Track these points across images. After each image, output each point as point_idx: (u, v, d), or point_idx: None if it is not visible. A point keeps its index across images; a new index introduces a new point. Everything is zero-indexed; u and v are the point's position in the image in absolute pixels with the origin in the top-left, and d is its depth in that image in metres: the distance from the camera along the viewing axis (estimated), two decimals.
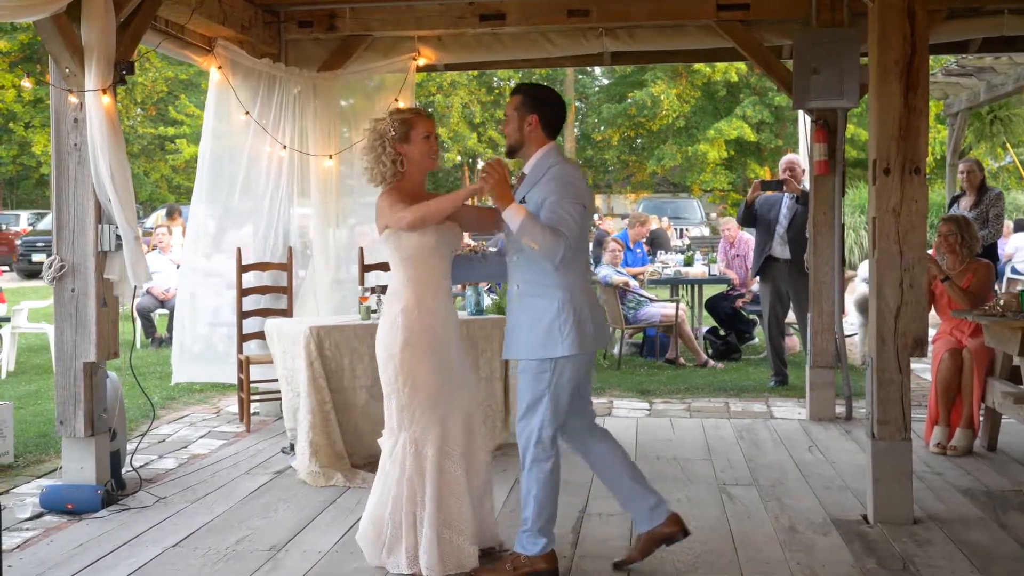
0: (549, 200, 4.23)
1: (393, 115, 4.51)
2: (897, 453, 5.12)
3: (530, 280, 4.35)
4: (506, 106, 4.48)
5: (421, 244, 4.42)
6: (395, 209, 4.39)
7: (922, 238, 5.07)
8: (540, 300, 4.31)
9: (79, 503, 5.53)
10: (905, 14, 4.99)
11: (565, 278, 4.30)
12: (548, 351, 4.30)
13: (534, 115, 4.36)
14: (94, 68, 5.43)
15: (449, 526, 4.47)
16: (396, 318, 4.47)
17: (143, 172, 37.48)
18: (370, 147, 4.48)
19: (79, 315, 5.67)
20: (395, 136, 4.43)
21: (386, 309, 4.56)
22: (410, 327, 4.45)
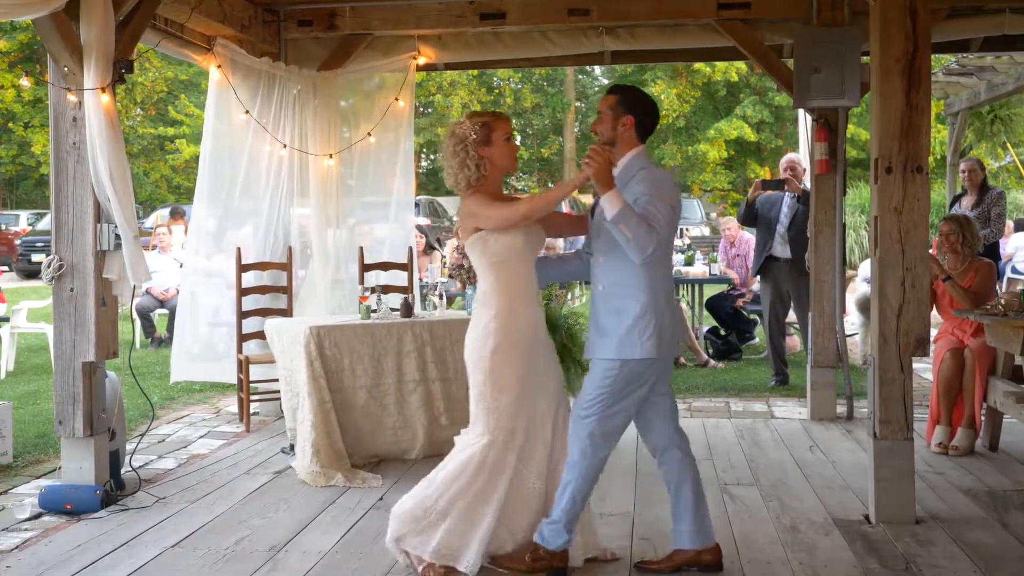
0: (641, 199, 4.17)
1: (472, 118, 4.46)
2: (899, 453, 5.10)
3: (616, 281, 4.31)
4: (599, 103, 4.44)
5: (509, 247, 4.38)
6: (494, 207, 4.36)
7: (924, 237, 5.05)
8: (624, 302, 4.28)
9: (78, 503, 5.51)
10: (907, 12, 4.97)
11: (650, 280, 4.28)
12: (623, 352, 4.27)
13: (629, 116, 4.33)
14: (93, 67, 5.42)
15: (512, 533, 4.49)
16: (488, 324, 4.40)
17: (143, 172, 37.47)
18: (452, 152, 4.41)
19: (78, 314, 5.65)
20: (476, 139, 4.38)
21: (477, 314, 4.47)
22: (503, 332, 4.38)
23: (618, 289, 4.30)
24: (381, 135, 8.36)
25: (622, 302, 4.28)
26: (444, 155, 4.45)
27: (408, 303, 6.86)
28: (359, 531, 5.16)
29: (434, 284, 10.56)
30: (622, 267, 4.27)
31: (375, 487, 6.01)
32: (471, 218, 4.41)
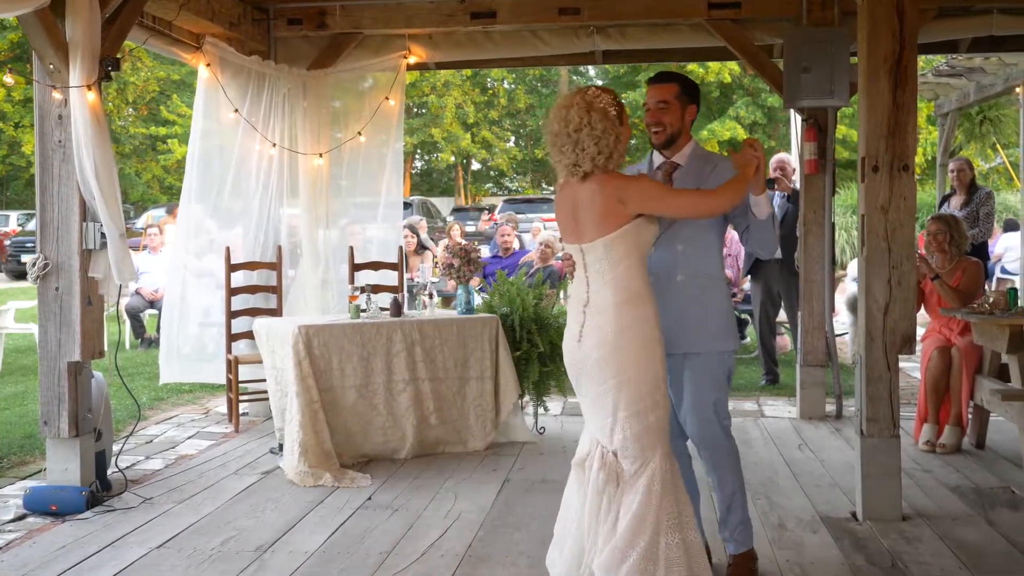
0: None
1: (603, 94, 3.88)
2: (886, 450, 5.11)
3: (697, 272, 4.17)
4: (657, 92, 4.20)
5: (655, 235, 3.99)
6: (664, 191, 4.00)
7: (911, 235, 5.06)
8: (708, 293, 4.19)
9: (63, 504, 5.48)
10: (894, 12, 4.98)
11: (723, 273, 4.32)
12: (727, 344, 4.25)
13: (693, 106, 4.25)
14: (79, 64, 5.39)
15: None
16: (647, 324, 3.87)
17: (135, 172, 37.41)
18: (604, 128, 3.79)
19: (63, 314, 5.62)
20: (617, 115, 3.87)
21: (622, 317, 3.84)
22: (656, 334, 3.91)
23: (699, 280, 4.17)
24: (371, 134, 8.36)
25: (704, 293, 4.18)
26: (592, 125, 3.78)
27: (398, 302, 6.85)
28: (346, 531, 5.15)
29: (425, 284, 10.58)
30: (704, 257, 4.19)
31: (364, 487, 5.99)
32: (640, 203, 3.85)
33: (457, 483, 6.05)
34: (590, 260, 3.90)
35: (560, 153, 3.87)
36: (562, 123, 3.84)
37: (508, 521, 5.28)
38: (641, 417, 3.81)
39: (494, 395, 6.92)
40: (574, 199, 3.92)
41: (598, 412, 3.89)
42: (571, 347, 3.97)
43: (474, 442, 6.84)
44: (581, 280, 3.96)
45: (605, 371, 3.84)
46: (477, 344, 6.86)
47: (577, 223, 3.92)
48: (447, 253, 7.10)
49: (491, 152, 39.80)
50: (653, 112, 4.20)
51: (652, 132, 4.23)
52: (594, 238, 3.87)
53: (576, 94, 3.88)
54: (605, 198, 3.83)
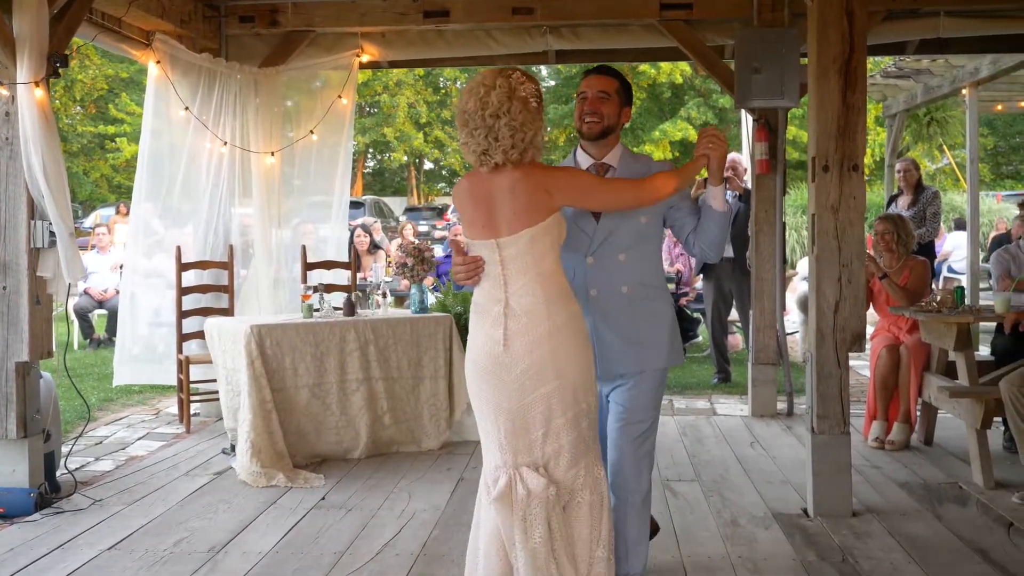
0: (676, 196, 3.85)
1: (527, 81, 3.54)
2: (836, 447, 5.17)
3: (644, 283, 3.87)
4: (599, 82, 3.88)
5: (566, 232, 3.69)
6: (597, 181, 3.70)
7: (860, 234, 5.13)
8: (655, 304, 3.89)
9: (11, 507, 5.39)
10: (844, 13, 5.05)
11: (665, 282, 4.08)
12: (672, 359, 3.93)
13: (628, 108, 3.98)
14: (26, 60, 5.32)
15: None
16: (579, 320, 3.59)
17: (83, 171, 36.89)
18: (533, 114, 3.50)
19: (11, 314, 5.53)
20: (537, 107, 3.54)
21: (558, 313, 3.52)
22: (587, 333, 3.65)
23: (648, 291, 3.88)
24: (324, 133, 8.31)
25: (653, 304, 3.89)
26: (512, 115, 3.46)
27: (351, 301, 6.82)
28: (300, 531, 5.12)
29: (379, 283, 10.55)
30: (646, 266, 3.90)
31: (317, 487, 5.96)
32: (569, 193, 3.59)
33: (411, 482, 6.04)
34: (509, 255, 3.52)
35: (470, 136, 3.51)
36: (478, 104, 3.48)
37: (462, 520, 5.26)
38: (576, 423, 3.51)
39: (448, 394, 6.91)
40: (486, 190, 3.55)
41: (524, 425, 3.49)
42: (491, 356, 3.52)
43: (428, 441, 6.83)
44: (495, 280, 3.55)
45: (539, 377, 3.47)
46: (431, 343, 6.85)
47: (491, 216, 3.54)
48: (401, 252, 7.08)
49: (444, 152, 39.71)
50: (592, 101, 3.86)
51: (586, 122, 3.86)
52: (516, 230, 3.50)
53: (498, 75, 3.51)
54: (530, 187, 3.51)
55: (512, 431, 3.51)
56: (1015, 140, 34.74)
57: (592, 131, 3.88)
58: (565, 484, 3.51)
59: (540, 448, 3.50)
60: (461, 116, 3.54)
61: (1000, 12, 7.83)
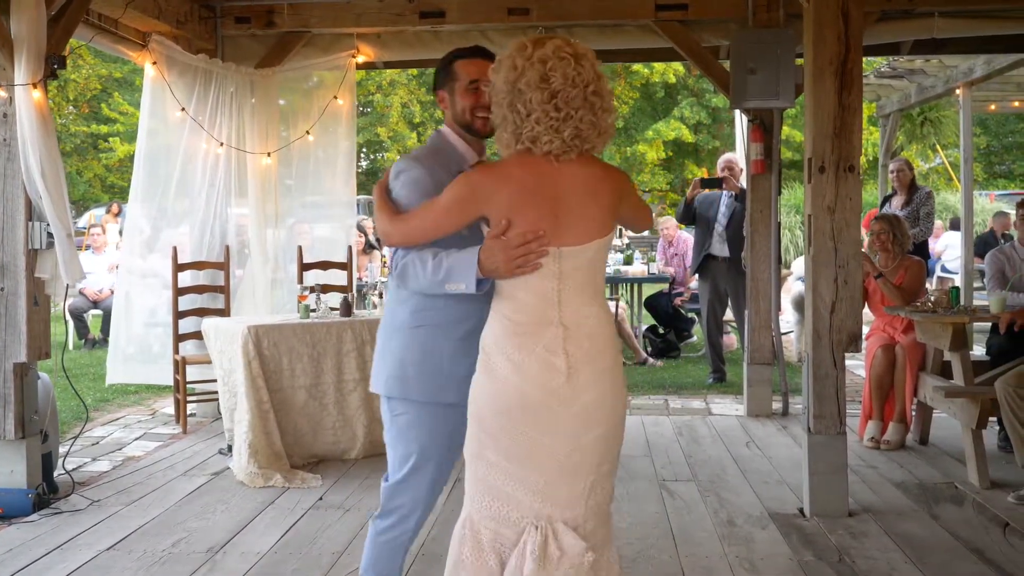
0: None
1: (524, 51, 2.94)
2: (832, 447, 5.19)
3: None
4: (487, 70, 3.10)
5: None
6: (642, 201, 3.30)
7: (857, 235, 5.15)
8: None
9: (9, 507, 5.40)
10: (840, 14, 5.06)
11: None
12: None
13: None
14: (24, 62, 5.31)
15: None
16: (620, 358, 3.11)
17: (76, 171, 36.79)
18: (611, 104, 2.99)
19: (9, 315, 5.54)
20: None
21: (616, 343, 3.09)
22: None
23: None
24: (321, 134, 8.32)
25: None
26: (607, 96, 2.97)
27: (348, 302, 6.83)
28: (298, 531, 5.13)
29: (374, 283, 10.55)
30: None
31: (315, 487, 5.97)
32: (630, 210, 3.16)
33: None
34: (570, 268, 2.96)
35: (564, 120, 2.88)
36: (574, 77, 2.88)
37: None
38: (612, 476, 3.08)
39: None
40: (555, 184, 2.93)
41: (572, 472, 2.96)
42: (548, 388, 2.93)
43: None
44: (547, 296, 2.95)
45: (599, 415, 2.96)
46: None
47: (557, 217, 2.93)
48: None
49: None
50: (484, 93, 3.18)
51: (481, 117, 3.25)
52: (585, 240, 2.96)
53: (575, 44, 2.95)
54: (612, 189, 3.01)
55: (558, 479, 2.95)
56: (1008, 139, 34.80)
57: (488, 128, 3.26)
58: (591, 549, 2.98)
59: (583, 502, 2.97)
60: (542, 93, 2.87)
61: (995, 12, 7.86)
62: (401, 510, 3.51)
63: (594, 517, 3.00)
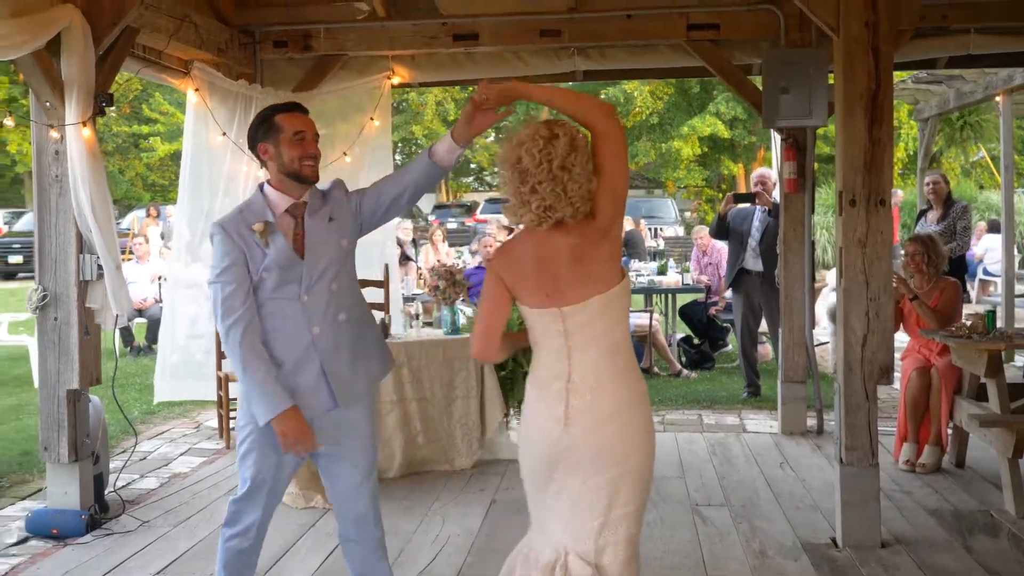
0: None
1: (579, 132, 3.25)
2: (865, 478, 5.24)
3: (352, 305, 3.88)
4: (310, 124, 3.82)
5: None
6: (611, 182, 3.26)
7: (888, 268, 5.20)
8: (366, 326, 3.97)
9: (64, 528, 5.61)
10: (869, 50, 5.12)
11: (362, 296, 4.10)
12: (385, 369, 4.07)
13: None
14: (74, 101, 5.49)
15: None
16: (646, 399, 3.34)
17: (118, 170, 37.34)
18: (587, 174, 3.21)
19: (62, 343, 5.73)
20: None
21: (629, 390, 3.29)
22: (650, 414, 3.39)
23: (355, 312, 3.89)
24: (357, 155, 8.46)
25: (363, 327, 3.93)
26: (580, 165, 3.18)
27: (384, 323, 6.96)
28: (337, 558, 5.21)
29: (411, 296, 10.70)
30: (353, 287, 3.91)
31: None
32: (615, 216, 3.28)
33: (445, 504, 6.18)
34: (574, 325, 3.22)
35: (532, 192, 3.16)
36: (540, 157, 3.16)
37: (495, 546, 5.38)
38: (636, 517, 3.28)
39: (480, 414, 7.05)
40: (551, 251, 3.23)
41: (581, 511, 3.23)
42: (551, 434, 3.23)
43: (460, 460, 6.98)
44: (558, 352, 3.24)
45: (604, 459, 3.20)
46: (463, 364, 6.98)
47: (556, 281, 3.22)
48: (433, 275, 7.21)
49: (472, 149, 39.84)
50: (311, 142, 3.78)
51: (308, 165, 3.75)
52: (587, 297, 3.21)
53: (553, 124, 3.21)
54: (592, 242, 3.21)
55: (570, 515, 3.25)
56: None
57: (315, 175, 3.80)
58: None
59: (594, 540, 3.21)
60: (514, 172, 3.20)
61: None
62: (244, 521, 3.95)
63: (610, 554, 3.22)
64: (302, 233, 3.75)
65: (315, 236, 3.75)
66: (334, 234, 3.79)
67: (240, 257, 3.65)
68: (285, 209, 3.75)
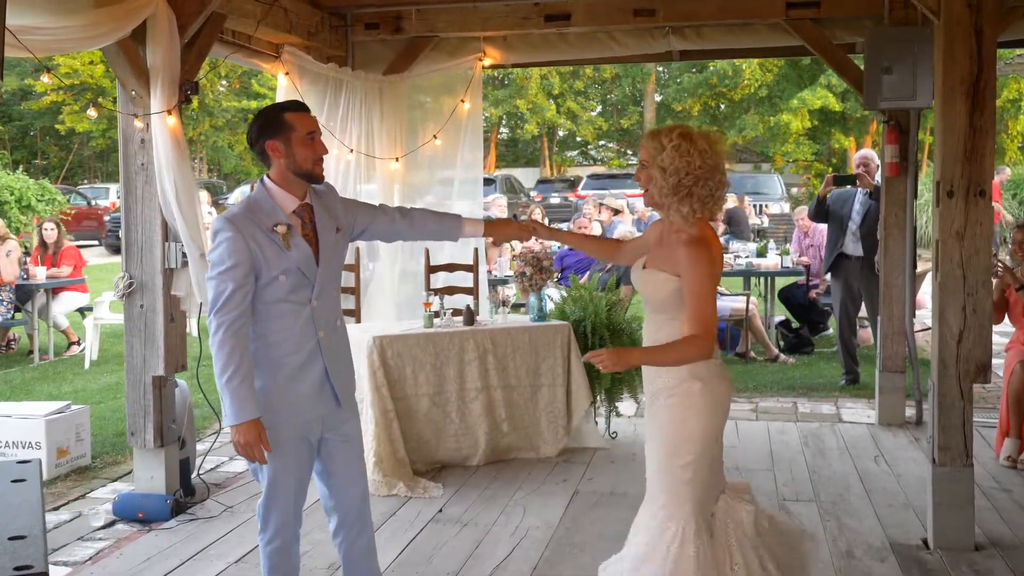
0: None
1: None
2: (959, 480, 5.02)
3: (339, 308, 3.98)
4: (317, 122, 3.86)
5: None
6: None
7: (987, 262, 4.96)
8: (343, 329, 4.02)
9: (149, 512, 5.73)
10: (972, 31, 4.85)
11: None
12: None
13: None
14: (159, 90, 5.55)
15: None
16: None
17: (228, 145, 38.22)
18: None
19: (148, 330, 5.84)
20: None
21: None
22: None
23: (341, 317, 4.00)
24: (448, 137, 8.42)
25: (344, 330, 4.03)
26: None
27: (470, 310, 6.93)
28: (416, 548, 5.27)
29: (503, 279, 10.65)
30: (337, 294, 3.97)
31: (436, 496, 6.11)
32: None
33: (527, 494, 6.13)
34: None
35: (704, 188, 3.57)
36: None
37: (574, 540, 5.33)
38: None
39: (566, 402, 6.97)
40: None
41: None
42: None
43: (546, 448, 6.92)
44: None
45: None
46: (549, 351, 6.91)
47: None
48: (520, 262, 7.14)
49: (576, 123, 39.64)
50: (322, 143, 3.79)
51: (319, 166, 3.78)
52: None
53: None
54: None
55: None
56: None
57: (322, 174, 3.81)
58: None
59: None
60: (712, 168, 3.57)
61: None
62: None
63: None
64: (315, 238, 3.76)
65: (327, 242, 3.78)
66: (341, 242, 3.88)
67: (246, 258, 3.59)
68: (292, 210, 3.74)
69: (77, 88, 33.89)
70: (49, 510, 5.93)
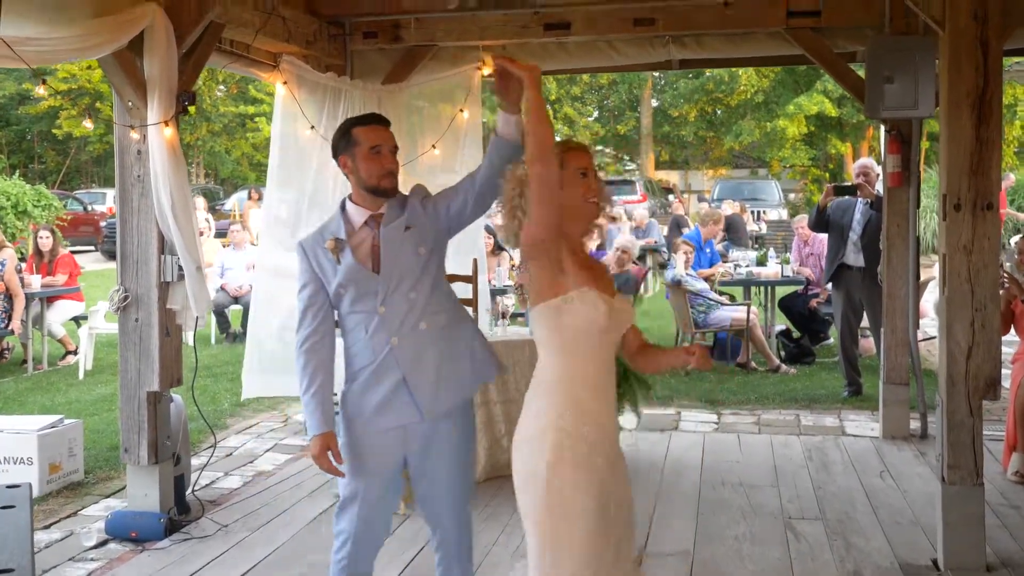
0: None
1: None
2: (969, 498, 4.93)
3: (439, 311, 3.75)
4: (388, 137, 3.77)
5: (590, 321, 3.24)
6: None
7: (995, 276, 4.88)
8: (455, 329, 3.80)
9: (142, 530, 5.62)
10: (977, 44, 4.78)
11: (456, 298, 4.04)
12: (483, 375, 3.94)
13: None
14: (156, 101, 5.47)
15: None
16: (544, 422, 3.29)
17: (224, 150, 38.14)
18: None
19: (143, 344, 5.75)
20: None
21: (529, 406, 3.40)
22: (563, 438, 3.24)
23: (450, 321, 3.77)
24: (447, 146, 8.32)
25: (453, 330, 3.77)
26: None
27: None
28: (415, 569, 5.20)
29: (502, 288, 10.57)
30: (441, 292, 3.78)
31: None
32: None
33: None
34: None
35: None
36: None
37: None
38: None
39: None
40: None
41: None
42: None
43: None
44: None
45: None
46: None
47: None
48: (519, 272, 7.05)
49: (573, 128, 39.58)
50: (389, 157, 3.72)
51: (387, 180, 3.70)
52: None
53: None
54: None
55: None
56: None
57: (394, 188, 3.72)
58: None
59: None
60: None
61: None
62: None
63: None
64: (378, 244, 3.66)
65: (390, 246, 3.66)
66: (410, 243, 3.68)
67: (313, 277, 3.69)
68: (363, 221, 3.70)
69: (75, 93, 33.83)
70: (40, 528, 5.84)
